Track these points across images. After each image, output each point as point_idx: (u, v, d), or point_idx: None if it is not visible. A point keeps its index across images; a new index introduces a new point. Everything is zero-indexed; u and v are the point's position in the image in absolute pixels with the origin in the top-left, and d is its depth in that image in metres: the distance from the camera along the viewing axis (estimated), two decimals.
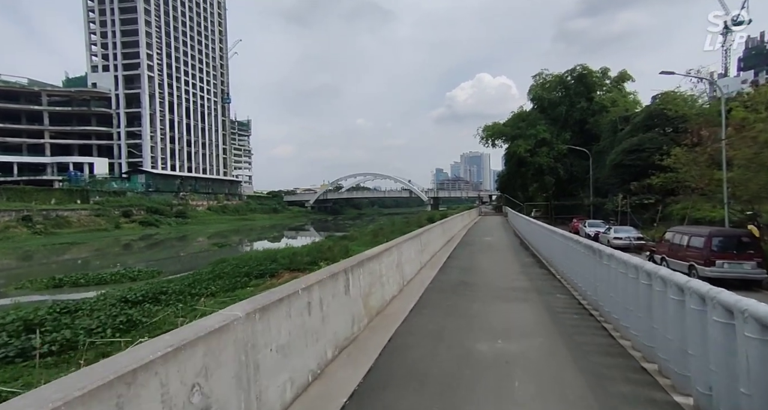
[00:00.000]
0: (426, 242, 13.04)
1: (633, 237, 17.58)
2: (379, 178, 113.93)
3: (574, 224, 25.91)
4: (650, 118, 25.62)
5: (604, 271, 5.97)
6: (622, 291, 5.23)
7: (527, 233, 19.35)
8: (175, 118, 76.58)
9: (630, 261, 4.96)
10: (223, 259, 18.22)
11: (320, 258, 18.64)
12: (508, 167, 47.55)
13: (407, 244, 9.93)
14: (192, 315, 8.82)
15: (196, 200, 74.62)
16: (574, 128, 39.49)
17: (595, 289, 6.65)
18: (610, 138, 30.88)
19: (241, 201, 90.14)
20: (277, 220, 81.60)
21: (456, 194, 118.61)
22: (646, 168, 21.98)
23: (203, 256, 27.26)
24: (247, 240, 47.45)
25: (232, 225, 66.65)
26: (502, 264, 12.48)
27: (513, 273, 10.69)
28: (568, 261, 9.15)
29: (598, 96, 39.44)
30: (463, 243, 18.92)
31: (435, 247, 14.95)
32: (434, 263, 12.47)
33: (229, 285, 13.60)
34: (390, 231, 31.57)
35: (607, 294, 5.96)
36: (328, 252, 19.70)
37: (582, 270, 7.58)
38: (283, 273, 16.59)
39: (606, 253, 5.92)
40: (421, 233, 12.62)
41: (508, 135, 42.89)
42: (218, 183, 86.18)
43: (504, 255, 14.69)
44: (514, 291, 8.40)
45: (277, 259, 17.85)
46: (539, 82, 42.71)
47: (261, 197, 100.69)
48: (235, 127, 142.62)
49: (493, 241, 19.76)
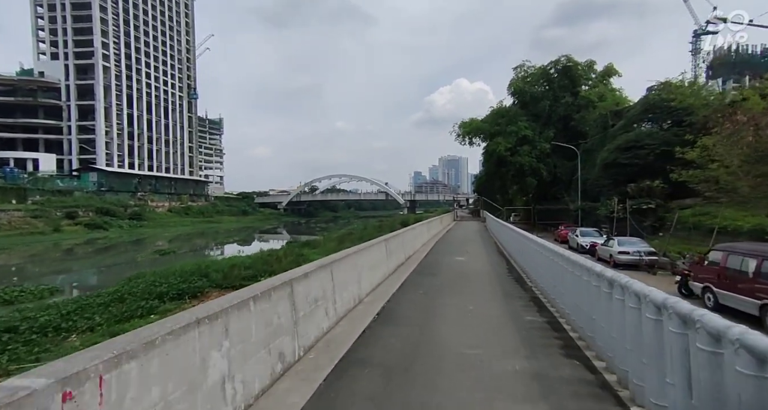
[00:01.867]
0: (365, 267, 8.79)
1: (643, 251, 13.90)
2: (355, 180, 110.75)
3: (562, 232, 22.96)
4: (648, 110, 23.00)
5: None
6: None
7: (517, 251, 13.90)
8: (135, 112, 71.23)
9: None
10: (140, 274, 14.71)
11: (264, 271, 15.49)
12: (486, 167, 43.92)
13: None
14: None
15: (157, 201, 69.51)
16: (557, 125, 36.91)
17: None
18: (600, 135, 28.36)
19: (207, 202, 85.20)
20: (246, 223, 77.28)
21: (433, 197, 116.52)
22: (645, 167, 19.58)
23: (142, 265, 23.41)
24: (206, 245, 43.36)
25: (194, 228, 62.15)
26: (486, 337, 5.83)
27: (512, 381, 4.32)
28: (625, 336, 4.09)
29: (584, 90, 36.99)
30: (423, 267, 12.61)
31: (374, 278, 9.39)
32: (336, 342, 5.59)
33: (126, 313, 10.20)
34: (359, 237, 28.56)
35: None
36: (276, 264, 16.50)
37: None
38: (210, 292, 13.29)
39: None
40: (347, 256, 7.68)
41: (486, 132, 39.85)
42: (182, 183, 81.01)
43: (487, 305, 7.90)
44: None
45: (209, 274, 14.54)
46: (520, 75, 39.85)
47: (230, 198, 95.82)
48: (206, 125, 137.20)
49: (468, 265, 13.18)
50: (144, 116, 73.61)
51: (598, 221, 23.90)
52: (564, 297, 6.69)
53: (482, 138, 41.66)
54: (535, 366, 4.64)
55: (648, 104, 23.48)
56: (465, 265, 13.30)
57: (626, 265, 13.30)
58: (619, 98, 34.70)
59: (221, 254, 33.51)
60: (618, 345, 4.18)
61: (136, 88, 71.63)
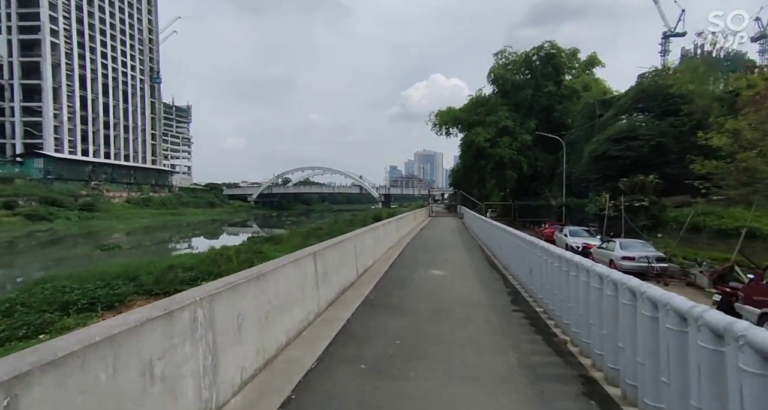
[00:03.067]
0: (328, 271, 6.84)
1: (652, 257, 11.60)
2: (329, 173, 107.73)
3: (546, 231, 20.79)
4: (642, 98, 21.15)
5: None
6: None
7: (514, 261, 9.85)
8: (89, 95, 65.80)
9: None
10: (52, 277, 12.04)
11: (209, 273, 13.18)
12: (463, 159, 40.92)
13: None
14: None
15: (113, 191, 64.79)
16: (539, 116, 35.05)
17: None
18: (587, 125, 26.56)
19: (171, 193, 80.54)
20: (212, 216, 73.48)
21: (408, 192, 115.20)
22: (639, 160, 18.07)
23: (75, 262, 20.30)
24: (163, 239, 39.99)
25: (154, 221, 58.18)
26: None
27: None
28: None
29: (568, 80, 35.32)
30: (382, 293, 8.09)
31: (284, 327, 4.85)
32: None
33: (4, 334, 7.69)
34: (327, 232, 26.31)
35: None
36: (225, 264, 14.15)
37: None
38: (135, 300, 10.86)
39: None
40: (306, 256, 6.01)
41: (465, 122, 37.49)
42: (143, 172, 76.09)
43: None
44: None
45: (139, 276, 12.06)
46: (501, 62, 37.66)
47: (196, 190, 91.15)
48: (173, 113, 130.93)
49: (449, 287, 8.73)
50: (100, 99, 68.17)
51: (584, 219, 22.09)
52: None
53: (460, 128, 39.42)
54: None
55: (642, 91, 21.66)
56: (445, 287, 8.67)
57: (631, 273, 11.25)
58: (604, 89, 33.15)
59: (177, 249, 30.55)
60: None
61: (90, 69, 66.08)
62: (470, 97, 39.35)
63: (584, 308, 4.69)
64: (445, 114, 39.59)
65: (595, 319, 4.40)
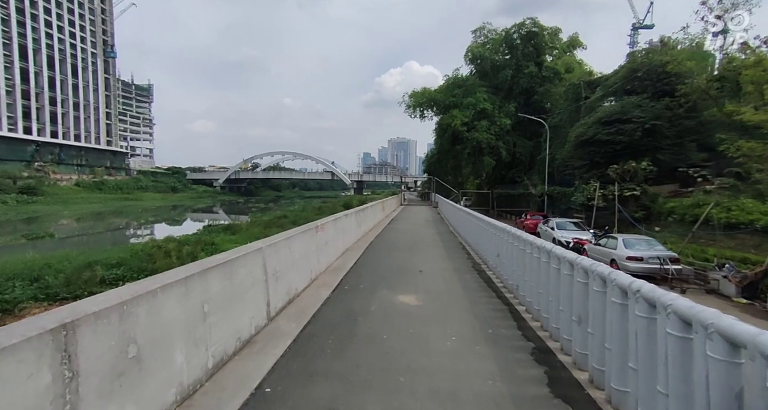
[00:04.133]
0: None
1: (665, 257, 9.80)
2: (300, 158, 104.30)
3: (527, 222, 19.28)
4: (634, 79, 19.43)
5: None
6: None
7: (514, 271, 6.82)
8: (32, 67, 59.67)
9: None
10: None
11: (140, 271, 11.02)
12: (439, 144, 38.63)
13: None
14: None
15: (61, 173, 59.73)
16: (519, 99, 33.36)
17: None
18: (571, 107, 24.91)
19: (128, 176, 75.45)
20: (173, 201, 69.51)
21: (381, 179, 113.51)
22: (630, 145, 16.76)
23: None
24: (111, 226, 36.62)
25: (107, 206, 54.13)
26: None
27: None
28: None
29: (549, 61, 33.67)
30: (310, 355, 4.24)
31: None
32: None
33: None
34: (292, 221, 24.20)
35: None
36: (162, 259, 11.97)
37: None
38: (30, 307, 8.62)
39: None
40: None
41: (440, 104, 35.18)
42: (96, 153, 70.67)
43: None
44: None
45: (44, 276, 9.80)
46: (480, 41, 35.49)
47: (157, 173, 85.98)
48: (132, 91, 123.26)
49: (430, 347, 4.54)
50: (44, 73, 62.02)
51: (568, 209, 20.63)
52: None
53: (435, 111, 37.17)
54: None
55: (634, 70, 19.73)
56: (421, 339, 4.84)
57: (639, 276, 8.94)
58: (588, 70, 31.47)
59: (122, 239, 27.63)
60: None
61: (32, 38, 59.78)
62: (447, 78, 36.98)
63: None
64: (420, 95, 37.17)
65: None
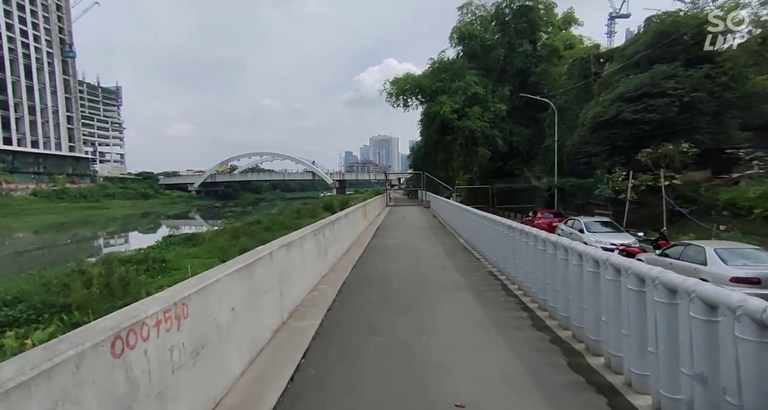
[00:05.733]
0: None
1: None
2: (279, 158, 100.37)
3: (539, 221, 16.11)
4: (662, 45, 15.93)
5: None
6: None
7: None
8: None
9: None
10: None
11: (50, 306, 8.25)
12: (425, 136, 35.03)
13: None
14: None
15: (16, 182, 55.03)
16: (513, 81, 30.08)
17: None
18: (578, 87, 21.79)
19: (93, 183, 70.70)
20: (144, 208, 65.25)
21: (364, 177, 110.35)
22: (663, 124, 13.95)
23: None
24: (62, 240, 32.93)
25: (68, 216, 49.90)
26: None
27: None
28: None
29: (545, 39, 30.51)
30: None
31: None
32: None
33: None
34: (265, 227, 21.31)
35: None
36: (77, 292, 8.99)
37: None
38: None
39: None
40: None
41: (426, 90, 31.62)
42: (56, 160, 65.81)
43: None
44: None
45: None
46: (467, 19, 32.00)
47: (126, 179, 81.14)
48: (99, 94, 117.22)
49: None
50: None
51: (586, 204, 17.63)
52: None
53: (421, 99, 33.58)
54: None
55: (663, 34, 16.14)
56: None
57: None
58: (594, 45, 28.57)
59: (66, 255, 24.18)
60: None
61: None
62: (431, 62, 33.20)
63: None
64: (403, 81, 33.44)
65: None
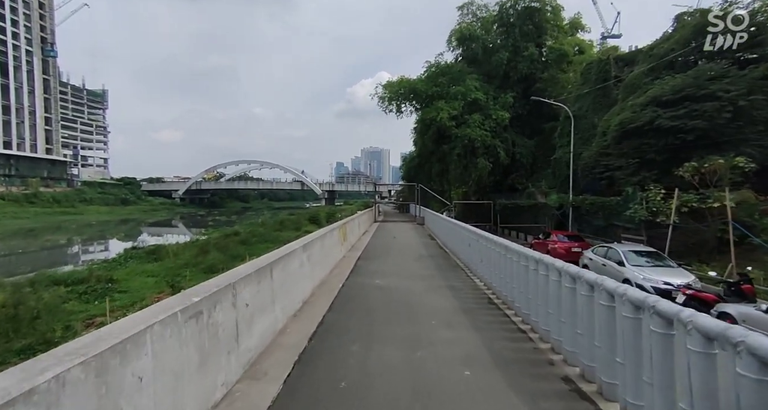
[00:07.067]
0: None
1: None
2: (268, 167, 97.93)
3: (556, 245, 13.79)
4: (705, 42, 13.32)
5: None
6: None
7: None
8: None
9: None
10: None
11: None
12: (420, 145, 32.50)
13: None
14: None
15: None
16: (517, 88, 27.86)
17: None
18: (594, 90, 19.54)
19: (70, 188, 67.38)
20: (123, 215, 62.14)
21: (354, 188, 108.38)
22: (708, 134, 11.84)
23: None
24: (19, 249, 30.07)
25: (39, 222, 46.92)
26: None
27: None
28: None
29: (552, 44, 28.22)
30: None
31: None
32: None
33: None
34: (241, 240, 18.99)
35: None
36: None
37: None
38: None
39: None
40: None
41: (422, 95, 29.28)
42: (29, 162, 62.68)
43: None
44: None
45: None
46: (467, 20, 29.73)
47: (106, 184, 77.86)
48: (83, 97, 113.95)
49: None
50: None
51: (610, 226, 15.17)
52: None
53: (415, 105, 31.14)
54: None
55: (700, 31, 13.81)
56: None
57: None
58: (612, 47, 25.81)
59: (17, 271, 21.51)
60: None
61: None
62: (428, 65, 30.59)
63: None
64: (396, 85, 30.90)
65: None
